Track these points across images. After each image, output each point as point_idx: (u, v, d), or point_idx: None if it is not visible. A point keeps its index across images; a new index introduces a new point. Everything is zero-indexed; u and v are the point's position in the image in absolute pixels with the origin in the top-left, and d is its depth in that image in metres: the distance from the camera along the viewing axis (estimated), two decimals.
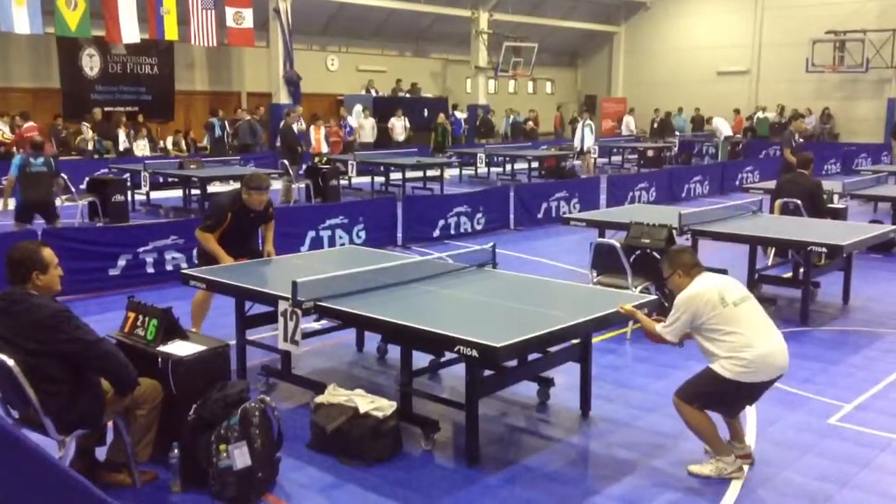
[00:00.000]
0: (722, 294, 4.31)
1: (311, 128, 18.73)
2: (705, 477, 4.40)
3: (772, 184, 10.79)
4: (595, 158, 21.04)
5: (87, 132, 19.05)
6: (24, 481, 2.34)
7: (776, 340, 4.34)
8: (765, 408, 5.14)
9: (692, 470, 4.45)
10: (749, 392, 4.34)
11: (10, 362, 3.72)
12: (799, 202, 9.09)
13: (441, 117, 22.47)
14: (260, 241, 6.84)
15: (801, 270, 7.90)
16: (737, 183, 18.01)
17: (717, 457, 4.42)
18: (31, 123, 17.53)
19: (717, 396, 4.32)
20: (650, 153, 22.17)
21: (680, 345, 4.53)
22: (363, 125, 22.60)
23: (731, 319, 4.26)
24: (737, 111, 27.93)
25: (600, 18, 32.72)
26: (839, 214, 9.92)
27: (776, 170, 17.59)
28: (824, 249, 7.25)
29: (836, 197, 10.66)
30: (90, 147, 18.73)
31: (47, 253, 3.96)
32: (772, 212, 9.61)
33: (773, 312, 5.99)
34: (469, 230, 12.08)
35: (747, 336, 4.24)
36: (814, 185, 9.38)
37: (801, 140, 13.66)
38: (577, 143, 20.70)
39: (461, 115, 26.18)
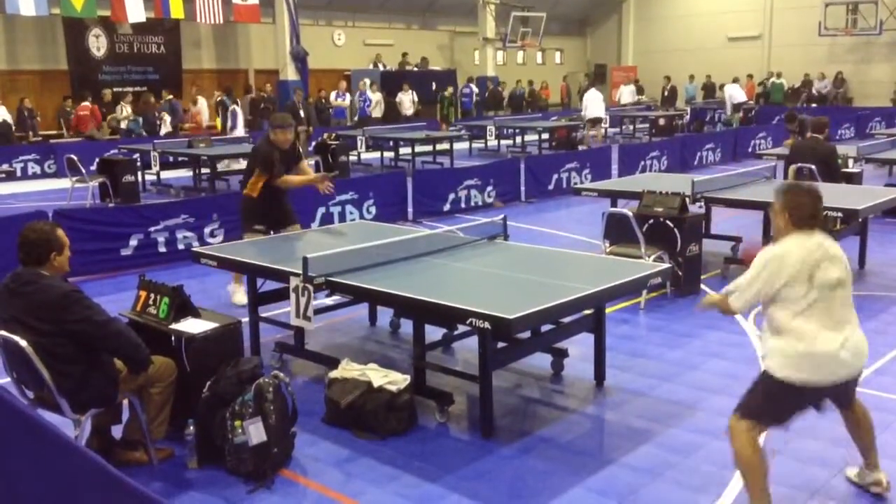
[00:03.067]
0: (815, 269, 3.42)
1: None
2: None
3: (785, 150, 10.65)
4: (605, 129, 20.87)
5: (122, 111, 19.04)
6: (39, 461, 2.34)
7: (848, 339, 3.46)
8: None
9: None
10: (801, 396, 3.50)
11: (23, 343, 3.73)
12: (813, 167, 8.99)
13: (448, 90, 22.27)
14: (290, 198, 7.19)
15: None
16: (749, 150, 17.85)
17: None
18: (85, 103, 18.47)
19: (768, 402, 3.53)
20: (661, 121, 21.97)
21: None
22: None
23: (806, 304, 3.42)
24: (750, 76, 27.57)
25: None
26: (854, 179, 9.80)
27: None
28: (839, 214, 7.17)
29: (850, 161, 10.54)
30: (123, 126, 18.75)
31: (61, 233, 3.97)
32: (785, 177, 9.49)
33: None
34: (480, 203, 12.03)
35: (814, 329, 3.41)
36: (828, 150, 9.26)
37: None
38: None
39: (474, 87, 25.93)
